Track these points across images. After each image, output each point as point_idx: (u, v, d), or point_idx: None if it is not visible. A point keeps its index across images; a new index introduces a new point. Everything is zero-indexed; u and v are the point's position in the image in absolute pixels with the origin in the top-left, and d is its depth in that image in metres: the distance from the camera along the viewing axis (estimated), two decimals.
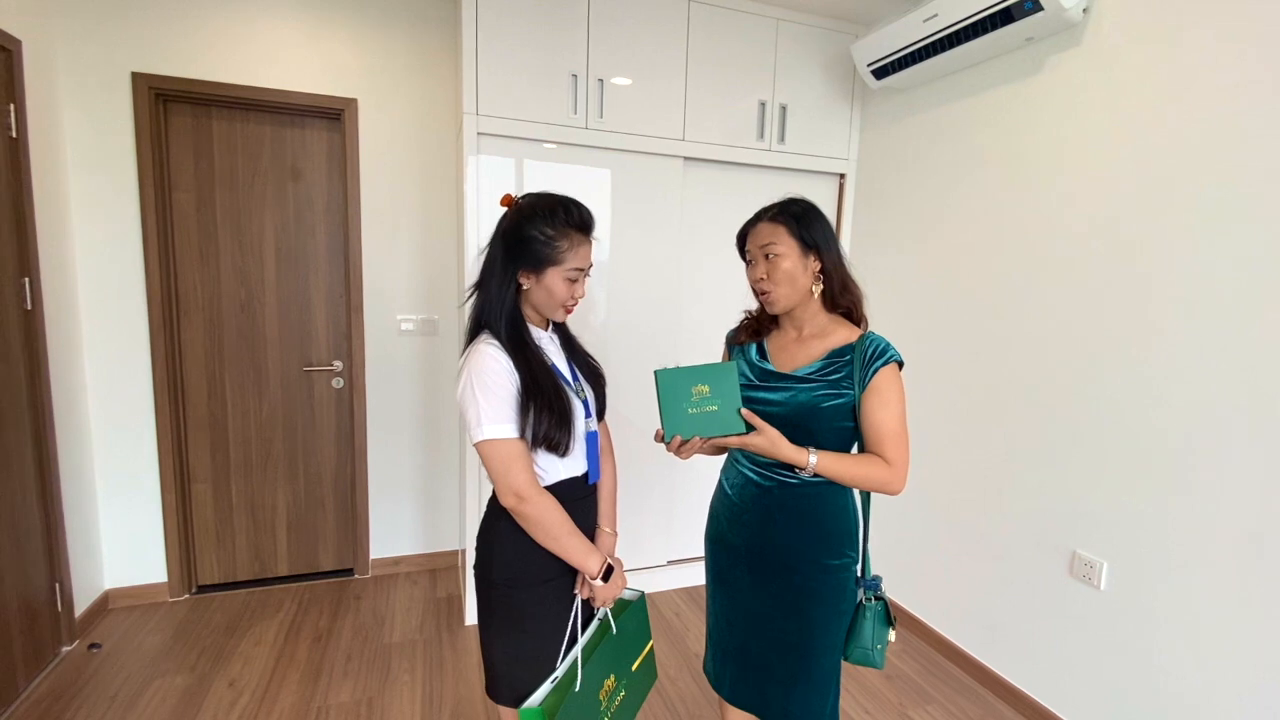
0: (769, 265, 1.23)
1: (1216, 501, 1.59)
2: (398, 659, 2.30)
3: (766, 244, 1.24)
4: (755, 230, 1.28)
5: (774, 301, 1.25)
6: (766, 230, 1.25)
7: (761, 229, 1.26)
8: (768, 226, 1.25)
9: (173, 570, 2.61)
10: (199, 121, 2.50)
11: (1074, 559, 1.92)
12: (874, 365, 1.19)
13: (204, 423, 2.64)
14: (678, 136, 2.57)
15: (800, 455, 1.15)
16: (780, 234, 1.23)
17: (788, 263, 1.22)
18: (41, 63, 2.14)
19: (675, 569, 2.88)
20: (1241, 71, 1.53)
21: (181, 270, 2.54)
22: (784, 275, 1.22)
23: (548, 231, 1.16)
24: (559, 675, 1.19)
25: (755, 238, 1.27)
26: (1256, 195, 1.50)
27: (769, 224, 1.25)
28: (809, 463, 1.15)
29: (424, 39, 2.67)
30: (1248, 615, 1.53)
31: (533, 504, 1.14)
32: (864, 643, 1.29)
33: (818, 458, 1.15)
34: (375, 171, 2.68)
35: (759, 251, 1.25)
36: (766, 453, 1.16)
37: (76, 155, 2.32)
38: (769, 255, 1.23)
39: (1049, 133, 1.99)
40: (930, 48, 2.21)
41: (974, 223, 2.26)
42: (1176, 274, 1.66)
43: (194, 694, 2.06)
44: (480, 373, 1.13)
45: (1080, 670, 1.91)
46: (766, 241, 1.24)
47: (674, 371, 1.13)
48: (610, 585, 1.24)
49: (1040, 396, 2.03)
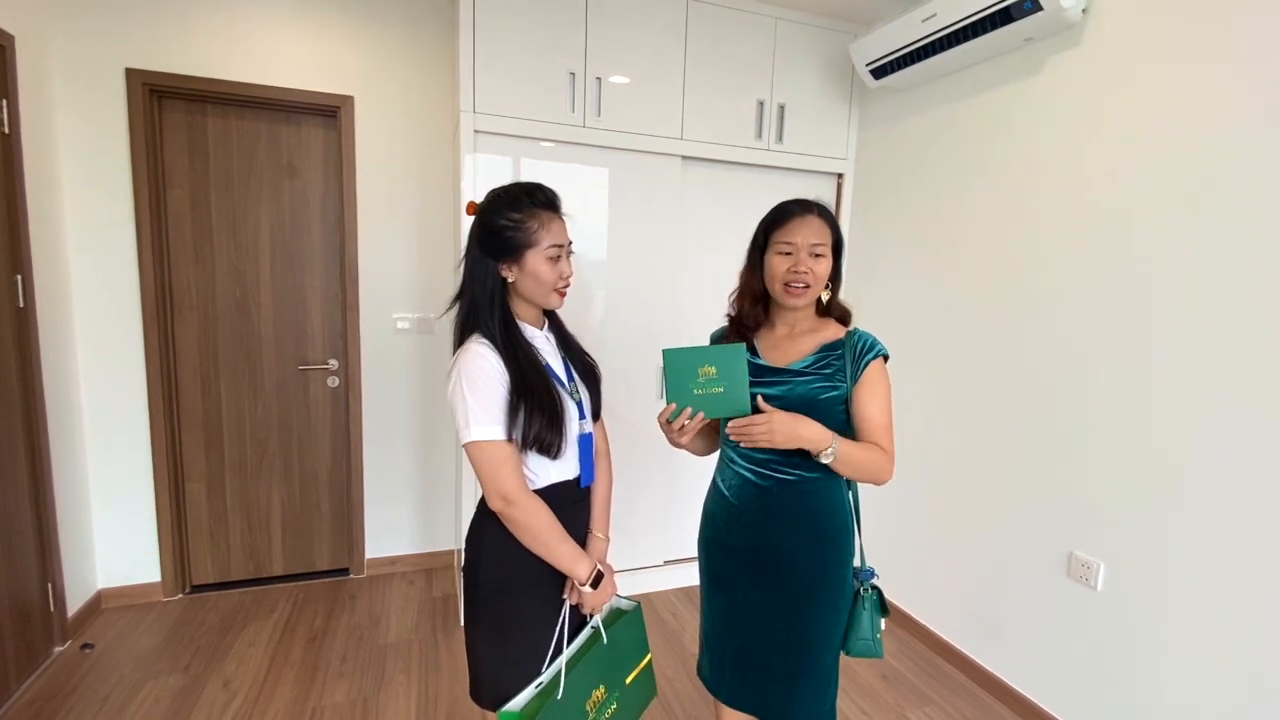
0: (813, 263, 1.23)
1: (1213, 502, 1.58)
2: (393, 659, 2.28)
3: (817, 243, 1.23)
4: (805, 223, 1.24)
5: (804, 297, 1.25)
6: (819, 228, 1.24)
7: (814, 225, 1.24)
8: (820, 224, 1.25)
9: (166, 570, 2.60)
10: (194, 118, 2.49)
11: (1071, 560, 1.92)
12: (865, 359, 1.23)
13: (198, 421, 2.63)
14: (676, 135, 2.56)
15: (825, 435, 1.15)
16: (827, 236, 1.25)
17: (826, 264, 1.25)
18: (35, 58, 2.12)
19: (672, 569, 2.88)
20: (1239, 73, 1.52)
21: (176, 268, 2.52)
22: (822, 274, 1.24)
23: (514, 216, 1.15)
24: (543, 681, 1.17)
25: (805, 232, 1.23)
26: (1255, 196, 1.50)
27: (821, 222, 1.25)
28: (832, 445, 1.15)
29: (421, 36, 2.66)
30: (1244, 616, 1.53)
31: (521, 508, 1.13)
32: (864, 634, 1.30)
33: (839, 441, 1.16)
34: (372, 169, 2.66)
35: (807, 246, 1.23)
36: (788, 431, 1.15)
37: (70, 151, 2.30)
38: (816, 254, 1.23)
39: (1048, 132, 1.99)
40: (929, 47, 2.20)
41: (972, 222, 2.26)
42: (1174, 275, 1.66)
43: (188, 694, 2.04)
44: (470, 373, 1.12)
45: (1077, 671, 1.91)
46: (819, 240, 1.23)
47: (682, 351, 1.13)
48: (600, 592, 1.22)
49: (1037, 397, 2.03)
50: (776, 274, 1.25)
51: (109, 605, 2.54)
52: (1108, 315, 1.82)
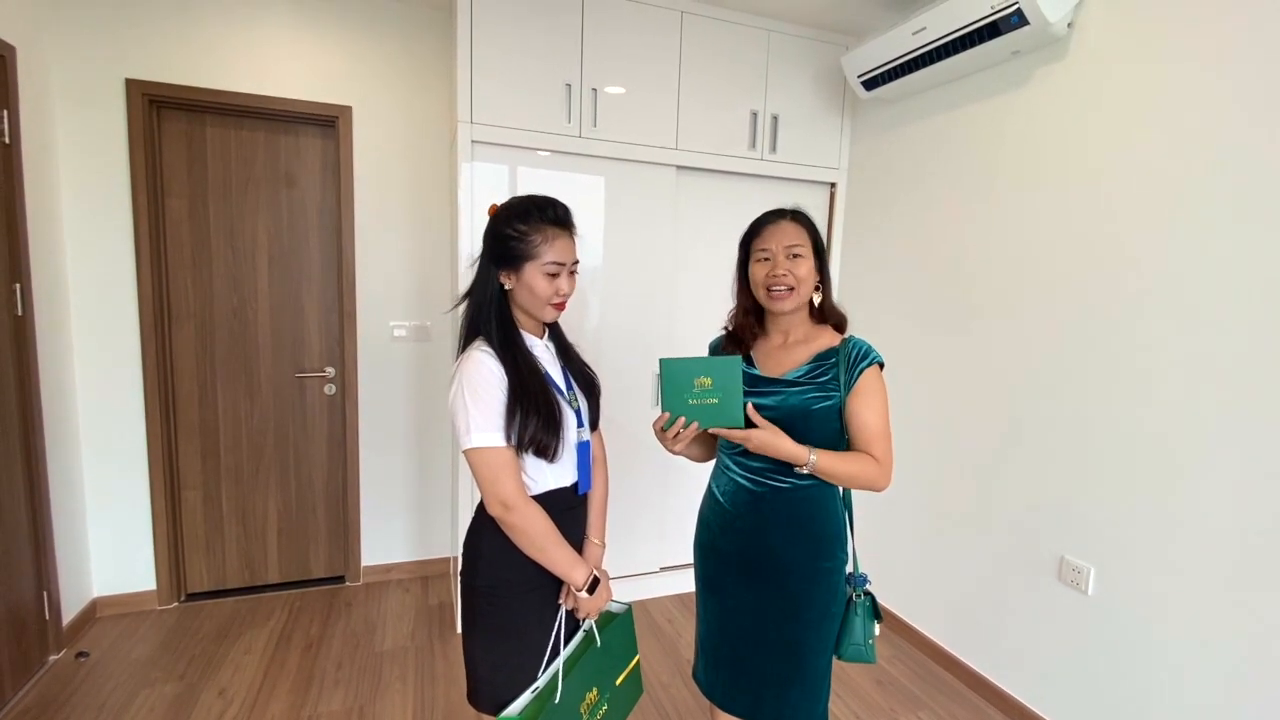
0: (791, 264, 1.25)
1: (1204, 506, 1.61)
2: (389, 667, 2.29)
3: (793, 244, 1.26)
4: (778, 228, 1.28)
5: (789, 300, 1.26)
6: (793, 231, 1.27)
7: (787, 229, 1.28)
8: (793, 227, 1.28)
9: (162, 578, 2.59)
10: (193, 128, 2.51)
11: (1062, 564, 1.94)
12: (859, 367, 1.23)
13: (194, 429, 2.63)
14: (671, 145, 2.59)
15: (800, 452, 1.17)
16: (804, 237, 1.27)
17: (807, 265, 1.26)
18: (35, 69, 2.14)
19: (667, 575, 2.88)
20: (1222, 83, 1.56)
21: (173, 276, 2.53)
22: (804, 275, 1.26)
23: (520, 228, 1.18)
24: (540, 685, 1.19)
25: (779, 236, 1.27)
26: (1239, 203, 1.53)
27: (794, 225, 1.28)
28: (809, 459, 1.17)
29: (419, 48, 2.69)
30: (1235, 619, 1.55)
31: (519, 513, 1.14)
32: (856, 639, 1.32)
33: (817, 455, 1.18)
34: (369, 178, 2.69)
35: (782, 250, 1.26)
36: (768, 447, 1.17)
37: (69, 161, 2.31)
38: (793, 255, 1.25)
39: (1036, 143, 2.02)
40: (919, 60, 2.24)
41: (963, 231, 2.29)
42: (1162, 282, 1.69)
43: (183, 703, 2.04)
44: (472, 380, 1.14)
45: (1069, 675, 1.93)
46: (793, 242, 1.26)
47: (678, 361, 1.14)
48: (595, 597, 1.24)
49: (1028, 403, 2.05)
50: (758, 281, 1.29)
51: (104, 613, 2.53)
52: (1097, 322, 1.85)
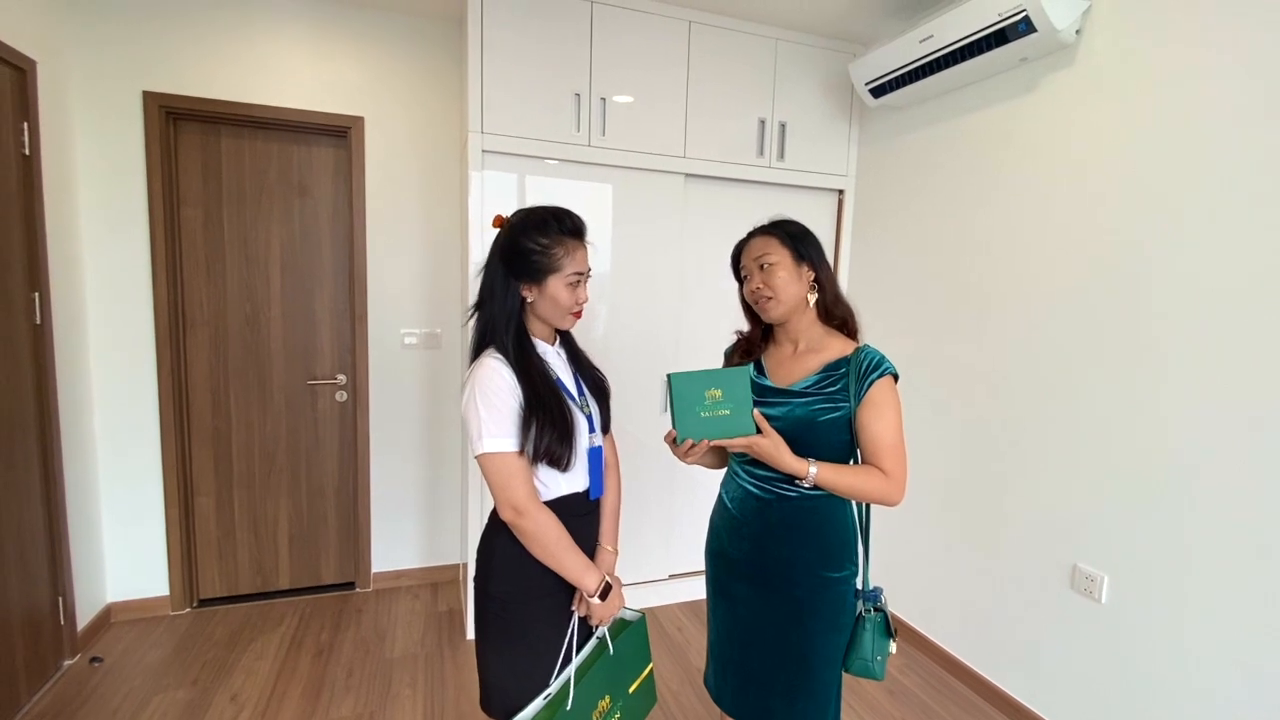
0: (764, 275, 1.27)
1: (1217, 514, 1.59)
2: (399, 673, 2.29)
3: (761, 255, 1.28)
4: (749, 245, 1.33)
5: (771, 309, 1.28)
6: (759, 243, 1.30)
7: (754, 243, 1.32)
8: (760, 239, 1.31)
9: (175, 584, 2.62)
10: (208, 139, 2.54)
11: (1075, 573, 1.93)
12: (869, 378, 1.21)
13: (208, 436, 2.66)
14: (679, 153, 2.60)
15: (800, 465, 1.17)
16: (773, 244, 1.28)
17: (783, 271, 1.27)
18: (55, 82, 2.18)
19: (676, 583, 2.88)
20: (1228, 91, 1.56)
21: (188, 285, 2.57)
22: (780, 283, 1.26)
23: (542, 241, 1.19)
24: (552, 692, 1.19)
25: (749, 252, 1.32)
26: (1245, 209, 1.53)
27: (761, 237, 1.31)
28: (809, 473, 1.17)
29: (429, 59, 2.72)
30: (1250, 628, 1.54)
31: (531, 519, 1.15)
32: (864, 654, 1.30)
33: (818, 469, 1.17)
34: (380, 187, 2.71)
35: (754, 264, 1.29)
36: (769, 456, 1.17)
37: (87, 172, 2.35)
38: (764, 265, 1.27)
39: (1044, 150, 2.02)
40: (927, 67, 2.25)
41: (972, 238, 2.29)
42: (1171, 288, 1.68)
43: (196, 708, 2.05)
44: (484, 386, 1.15)
45: (1082, 684, 1.91)
46: (761, 253, 1.28)
47: (687, 375, 1.13)
48: (608, 604, 1.24)
49: (1040, 409, 2.04)
50: (747, 298, 1.34)
51: (118, 619, 2.55)
52: (1109, 327, 1.84)
